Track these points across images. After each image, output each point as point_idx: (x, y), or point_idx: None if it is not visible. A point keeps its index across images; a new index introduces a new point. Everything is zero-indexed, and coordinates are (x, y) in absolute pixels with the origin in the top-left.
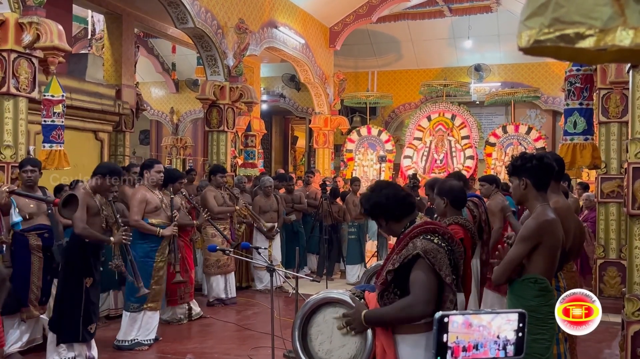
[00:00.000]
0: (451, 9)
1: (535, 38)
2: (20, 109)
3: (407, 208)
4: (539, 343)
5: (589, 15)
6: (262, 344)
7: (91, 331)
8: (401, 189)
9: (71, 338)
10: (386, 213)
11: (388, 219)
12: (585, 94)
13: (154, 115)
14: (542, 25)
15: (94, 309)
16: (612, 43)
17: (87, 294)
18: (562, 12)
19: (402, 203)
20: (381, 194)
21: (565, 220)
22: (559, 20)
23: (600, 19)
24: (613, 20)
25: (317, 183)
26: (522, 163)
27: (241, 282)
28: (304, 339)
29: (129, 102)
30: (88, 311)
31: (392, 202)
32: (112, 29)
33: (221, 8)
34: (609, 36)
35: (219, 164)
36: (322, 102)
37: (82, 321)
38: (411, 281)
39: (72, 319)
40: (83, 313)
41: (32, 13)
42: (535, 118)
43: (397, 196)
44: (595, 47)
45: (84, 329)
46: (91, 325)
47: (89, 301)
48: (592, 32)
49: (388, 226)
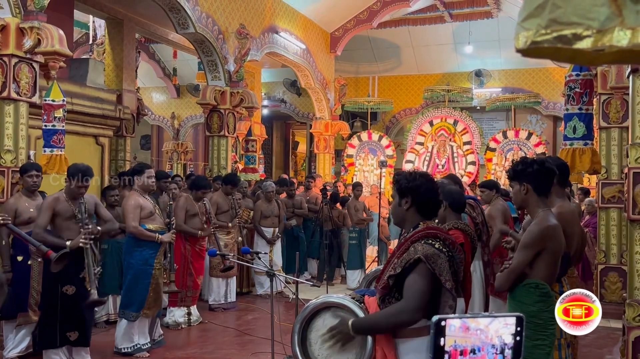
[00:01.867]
0: (452, 15)
1: (532, 39)
2: (20, 114)
3: (433, 209)
4: (540, 348)
5: (586, 15)
6: (262, 350)
7: (70, 338)
8: (438, 192)
9: (48, 345)
10: (416, 198)
11: (413, 204)
12: (584, 99)
13: (155, 120)
14: (539, 26)
15: (77, 317)
16: (610, 43)
17: (66, 301)
18: (559, 13)
19: (433, 202)
20: (426, 182)
21: (570, 224)
22: (556, 21)
23: (597, 20)
24: (610, 21)
25: (320, 187)
26: (523, 168)
27: (242, 287)
28: (304, 344)
29: (129, 107)
30: (67, 318)
31: (428, 194)
32: (114, 34)
33: (222, 13)
34: (607, 37)
35: (234, 175)
36: (322, 107)
37: (60, 328)
38: (406, 286)
39: (49, 326)
40: (60, 320)
41: (33, 18)
42: (536, 124)
43: (434, 192)
44: (593, 47)
45: (61, 336)
46: (70, 332)
47: (67, 308)
48: (590, 32)
49: (407, 212)
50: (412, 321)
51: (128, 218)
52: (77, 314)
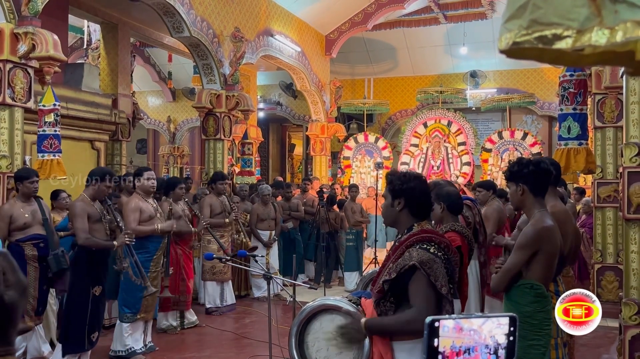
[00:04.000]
0: (446, 16)
1: (513, 40)
2: (16, 119)
3: (426, 211)
4: (535, 348)
5: (566, 16)
6: (259, 353)
7: (93, 339)
8: (430, 193)
9: (78, 348)
10: (409, 199)
11: (406, 206)
12: (578, 99)
13: (150, 124)
14: (521, 27)
15: (98, 318)
16: (589, 43)
17: (94, 303)
18: (539, 13)
19: (426, 204)
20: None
21: (563, 224)
22: (537, 22)
23: (577, 20)
24: (589, 21)
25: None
26: (519, 169)
27: (240, 290)
28: (301, 346)
29: (125, 111)
30: (92, 320)
31: (421, 196)
32: (108, 38)
33: (217, 17)
34: (585, 36)
35: (219, 171)
36: (318, 109)
37: (88, 331)
38: (413, 295)
39: (79, 329)
40: (88, 323)
41: (28, 23)
42: (531, 124)
43: (427, 194)
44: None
45: (88, 339)
46: (94, 334)
47: (95, 310)
48: (570, 32)
49: (400, 213)
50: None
51: (127, 220)
52: (100, 314)
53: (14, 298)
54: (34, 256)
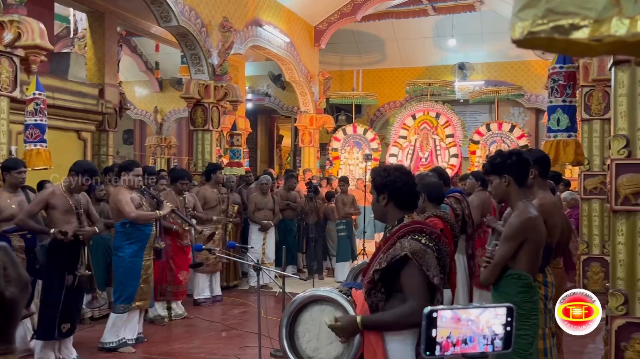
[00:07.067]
0: (435, 8)
1: (529, 29)
2: (1, 109)
3: (412, 202)
4: (523, 338)
5: (584, 5)
6: (249, 344)
7: (63, 330)
8: (414, 183)
9: (46, 336)
10: (392, 193)
11: (391, 199)
12: (568, 91)
13: (137, 115)
14: (536, 16)
15: (71, 310)
16: (608, 33)
17: (68, 294)
18: (555, 3)
19: (411, 195)
20: (401, 175)
21: (551, 216)
22: (553, 11)
23: (594, 9)
24: (608, 10)
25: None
26: (501, 161)
27: (228, 282)
28: (291, 337)
29: (112, 101)
30: (65, 311)
31: (404, 188)
32: (95, 27)
33: (205, 6)
34: (604, 26)
35: (215, 162)
36: (307, 100)
37: (59, 320)
38: (407, 287)
39: (50, 317)
40: (60, 312)
41: (13, 11)
42: (518, 116)
43: (410, 185)
44: (590, 37)
45: (58, 328)
46: (65, 324)
47: (67, 301)
48: (587, 22)
49: (386, 207)
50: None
51: (125, 208)
52: (74, 306)
53: (15, 294)
54: (21, 248)
